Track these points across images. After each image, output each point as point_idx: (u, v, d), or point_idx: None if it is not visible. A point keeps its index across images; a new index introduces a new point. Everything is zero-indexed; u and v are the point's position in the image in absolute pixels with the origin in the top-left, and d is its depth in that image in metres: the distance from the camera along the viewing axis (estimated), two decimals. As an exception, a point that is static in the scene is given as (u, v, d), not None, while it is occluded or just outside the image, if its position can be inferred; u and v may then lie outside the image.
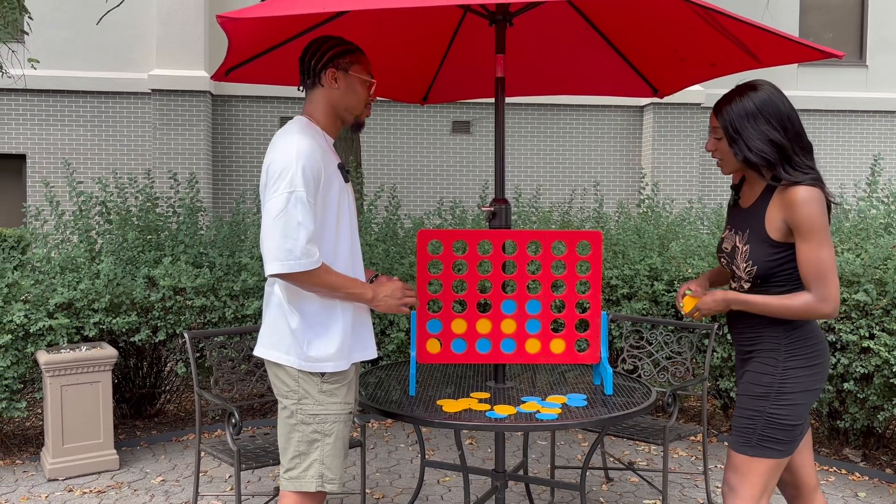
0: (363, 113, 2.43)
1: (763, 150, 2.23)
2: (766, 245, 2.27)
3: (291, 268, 2.14)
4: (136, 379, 5.12)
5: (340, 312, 2.30)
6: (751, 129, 2.25)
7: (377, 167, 11.60)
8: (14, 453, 4.60)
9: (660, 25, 2.98)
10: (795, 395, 2.29)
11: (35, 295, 4.38)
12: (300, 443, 2.29)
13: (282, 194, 2.14)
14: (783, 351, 2.31)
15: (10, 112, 10.76)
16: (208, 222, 5.73)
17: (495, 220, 2.96)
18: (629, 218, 6.01)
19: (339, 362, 2.30)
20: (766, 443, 2.30)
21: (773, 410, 2.29)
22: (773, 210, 2.26)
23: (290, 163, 2.15)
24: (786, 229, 2.23)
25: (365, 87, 2.40)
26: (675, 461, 4.52)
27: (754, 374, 2.36)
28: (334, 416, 2.30)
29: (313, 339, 2.26)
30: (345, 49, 2.35)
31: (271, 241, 2.14)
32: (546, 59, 3.56)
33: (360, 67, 2.38)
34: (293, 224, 2.13)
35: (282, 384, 2.30)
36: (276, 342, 2.29)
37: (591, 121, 11.97)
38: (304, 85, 2.39)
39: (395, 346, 4.93)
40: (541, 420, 2.47)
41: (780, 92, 2.27)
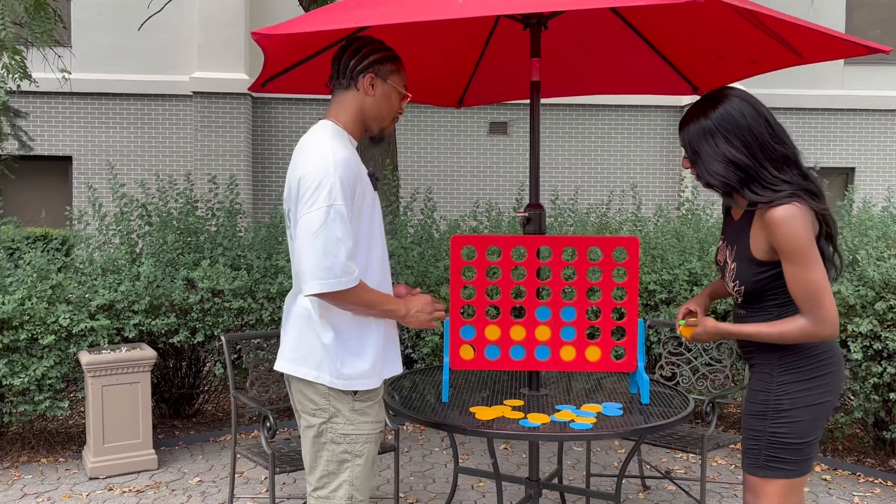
0: (389, 126, 2.32)
1: (721, 174, 2.09)
2: (752, 265, 2.14)
3: (332, 286, 2.02)
4: (174, 379, 5.19)
5: (374, 328, 2.20)
6: (708, 150, 2.11)
7: (414, 168, 11.62)
8: (57, 451, 4.69)
9: (698, 23, 2.92)
10: (794, 411, 2.13)
11: (77, 296, 4.46)
12: (329, 462, 2.18)
13: (320, 208, 2.01)
14: (776, 365, 2.17)
15: (58, 115, 11.00)
16: (247, 225, 5.78)
17: (530, 226, 2.93)
18: (668, 221, 5.92)
19: (372, 379, 2.19)
20: (774, 463, 2.16)
21: (773, 429, 2.15)
22: (756, 229, 2.12)
23: (328, 174, 2.02)
24: (770, 249, 2.09)
25: (398, 99, 2.29)
26: (714, 469, 4.44)
27: (751, 391, 2.24)
28: (365, 437, 2.19)
29: (347, 356, 2.14)
30: (387, 56, 2.23)
31: (311, 259, 2.01)
32: (582, 60, 3.52)
33: (399, 78, 2.27)
34: (333, 240, 2.01)
35: (309, 402, 2.17)
36: (303, 358, 2.15)
37: (630, 121, 11.84)
38: (336, 84, 2.24)
39: (430, 349, 4.92)
40: (575, 430, 2.44)
41: (744, 101, 2.10)
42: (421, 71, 3.53)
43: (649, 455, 4.71)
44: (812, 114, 12.07)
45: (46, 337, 4.25)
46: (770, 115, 2.13)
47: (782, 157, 2.10)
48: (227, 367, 3.51)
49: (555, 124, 11.79)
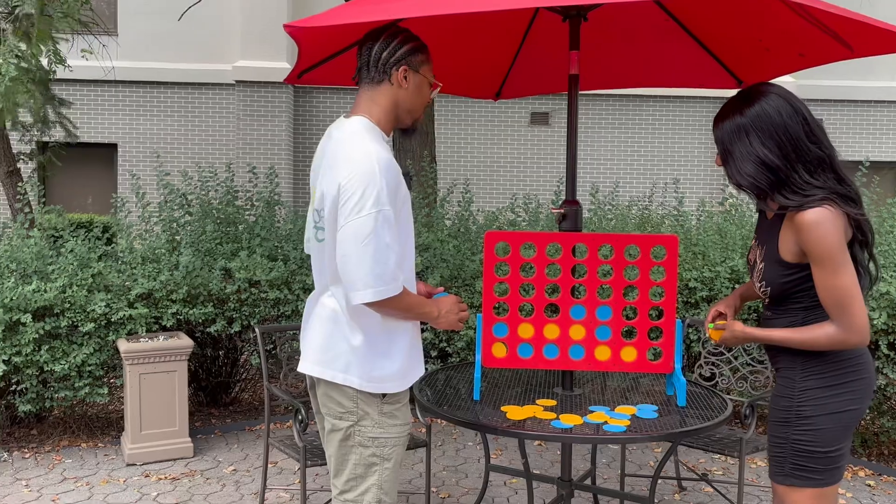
0: (420, 117, 2.26)
1: (751, 175, 2.03)
2: (779, 266, 2.08)
3: (384, 294, 1.96)
4: (212, 368, 5.24)
5: (402, 331, 2.15)
6: (741, 149, 2.04)
7: (453, 159, 11.57)
8: (97, 436, 4.77)
9: (744, 14, 2.82)
10: (817, 419, 2.05)
11: (117, 285, 4.52)
12: (357, 465, 2.14)
13: (369, 213, 1.94)
14: (799, 370, 2.10)
15: (104, 102, 11.18)
16: (285, 215, 5.81)
17: (566, 223, 2.87)
18: (710, 216, 5.80)
19: (401, 381, 2.15)
20: (800, 472, 2.08)
21: (796, 437, 2.08)
22: (786, 231, 2.05)
23: (374, 178, 1.95)
24: (799, 252, 2.02)
25: (429, 90, 2.23)
26: (753, 472, 4.34)
27: (774, 396, 2.17)
28: (394, 440, 2.15)
29: (376, 359, 2.10)
30: (417, 46, 2.16)
31: (361, 267, 1.94)
32: (622, 52, 3.44)
33: (429, 68, 2.21)
34: (382, 246, 1.95)
35: (336, 405, 2.13)
36: (330, 360, 2.11)
37: (674, 112, 11.63)
38: (366, 78, 2.15)
39: (465, 343, 4.89)
40: (608, 432, 2.39)
41: (782, 98, 2.02)
42: (458, 63, 3.48)
43: (686, 455, 4.62)
44: (864, 106, 11.73)
45: (86, 324, 4.32)
46: (808, 113, 2.04)
47: (817, 159, 2.02)
48: (262, 359, 3.52)
49: (596, 114, 11.64)
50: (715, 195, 11.66)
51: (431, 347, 4.98)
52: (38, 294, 4.24)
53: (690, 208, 11.66)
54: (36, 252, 4.48)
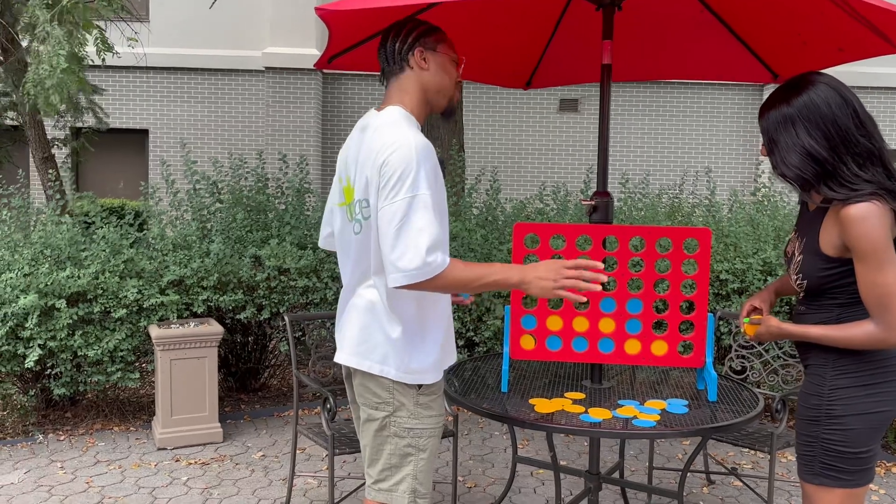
0: (455, 95, 2.25)
1: (797, 166, 1.98)
2: (819, 259, 2.03)
3: (414, 278, 1.95)
4: (241, 354, 5.29)
5: (437, 322, 2.16)
6: (787, 139, 1.99)
7: (481, 146, 11.53)
8: (129, 420, 4.84)
9: (782, 7, 2.77)
10: (847, 418, 2.01)
11: (149, 271, 4.57)
12: (392, 455, 2.15)
13: (403, 199, 1.96)
14: (830, 368, 2.05)
15: (135, 88, 11.29)
16: (314, 203, 5.83)
17: (596, 214, 2.84)
18: (743, 207, 5.72)
19: (437, 373, 2.17)
20: (830, 471, 2.05)
21: (826, 436, 2.04)
22: (828, 224, 2.00)
23: (411, 163, 1.97)
24: (842, 246, 1.97)
25: (454, 66, 2.22)
26: (783, 466, 4.30)
27: (804, 394, 2.13)
28: (430, 431, 2.17)
29: (413, 351, 2.11)
30: (428, 28, 2.18)
31: (394, 252, 1.95)
32: (656, 43, 3.39)
33: (447, 46, 2.21)
34: (414, 231, 1.95)
35: (373, 396, 2.14)
36: (367, 351, 2.12)
37: (707, 98, 11.48)
38: (388, 73, 2.19)
39: (492, 332, 4.88)
40: (637, 427, 2.37)
41: (830, 88, 1.96)
42: (489, 51, 3.46)
43: (715, 448, 4.59)
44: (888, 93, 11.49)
45: (118, 310, 4.38)
46: (859, 104, 1.98)
47: (866, 151, 1.96)
48: (290, 347, 3.55)
49: (627, 101, 11.52)
50: (747, 184, 11.50)
51: (458, 337, 4.98)
52: (71, 280, 4.30)
53: (722, 197, 11.51)
54: (69, 238, 4.54)
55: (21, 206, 4.92)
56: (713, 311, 4.74)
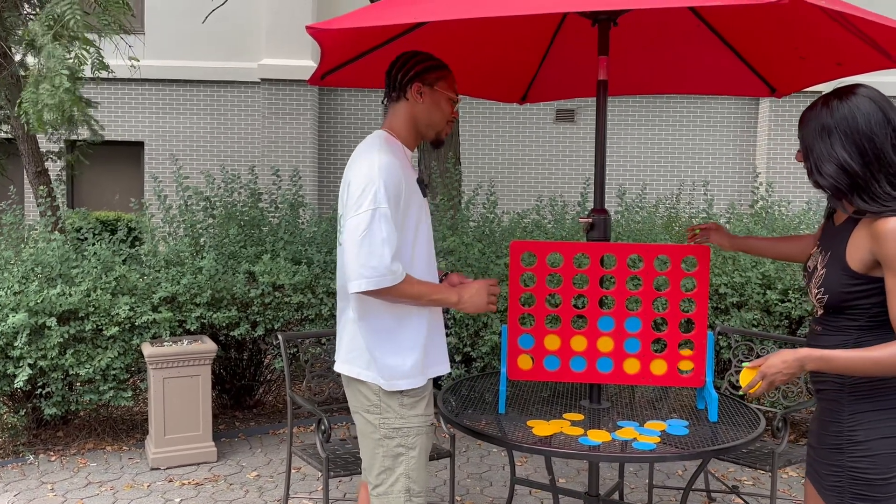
0: (444, 130, 2.42)
1: (832, 176, 1.92)
2: (844, 274, 1.95)
3: (377, 284, 2.13)
4: (236, 371, 5.24)
5: (414, 328, 2.29)
6: (822, 149, 1.94)
7: (477, 157, 11.50)
8: (122, 439, 4.78)
9: (780, 22, 2.73)
10: (871, 443, 1.93)
11: (141, 288, 4.52)
12: (385, 458, 2.29)
13: (366, 211, 2.14)
14: (846, 392, 1.97)
15: (130, 101, 11.26)
16: (309, 217, 5.78)
17: (593, 232, 2.80)
18: (740, 219, 5.68)
19: (416, 379, 2.29)
20: (861, 501, 1.95)
21: (852, 464, 1.95)
22: (857, 238, 1.93)
23: (373, 179, 2.15)
24: (870, 261, 1.90)
25: (449, 105, 2.39)
26: (784, 482, 4.25)
27: (822, 421, 2.05)
28: (417, 429, 2.31)
29: (387, 356, 2.27)
30: (432, 65, 2.35)
31: (357, 259, 2.13)
32: (652, 58, 3.36)
33: (446, 84, 2.37)
34: (378, 241, 2.13)
35: (364, 399, 2.30)
36: (354, 358, 2.30)
37: (703, 109, 11.47)
38: (389, 98, 2.37)
39: (489, 347, 4.83)
40: (637, 450, 2.32)
41: (873, 103, 1.90)
42: (484, 66, 3.43)
43: (715, 464, 4.54)
44: None
45: (110, 328, 4.32)
46: None
47: None
48: (285, 366, 3.50)
49: (623, 112, 11.51)
50: (744, 196, 11.48)
51: (456, 352, 4.93)
52: (62, 298, 4.25)
53: (720, 209, 11.49)
54: (60, 255, 4.49)
55: (13, 222, 4.87)
56: (712, 326, 4.69)
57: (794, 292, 4.51)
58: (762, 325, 4.62)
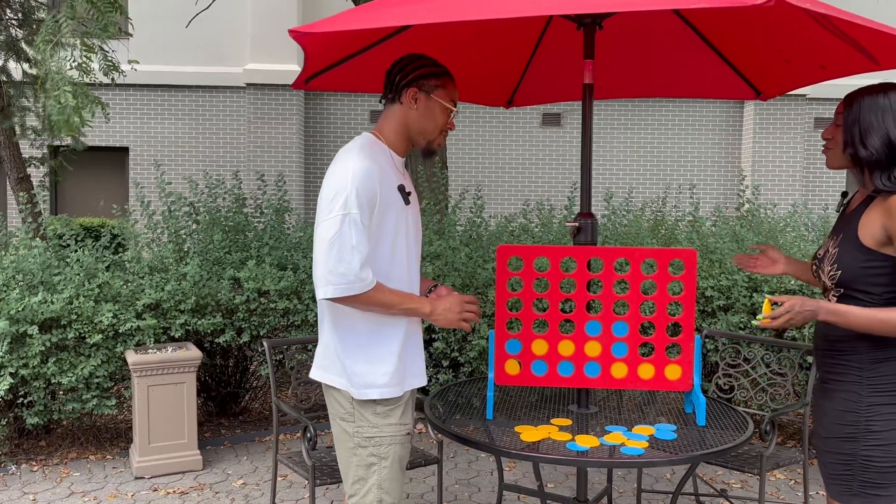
0: (437, 140, 2.33)
1: (876, 148, 2.08)
2: (856, 250, 2.10)
3: (345, 291, 2.09)
4: (221, 378, 5.19)
5: (389, 338, 2.24)
6: (874, 122, 2.10)
7: (464, 161, 11.49)
8: (106, 448, 4.72)
9: (764, 25, 2.73)
10: (885, 434, 2.08)
11: (124, 295, 4.47)
12: (359, 467, 2.24)
13: (336, 217, 2.09)
14: (865, 385, 2.11)
15: (115, 106, 11.18)
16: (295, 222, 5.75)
17: (580, 236, 2.79)
18: (727, 222, 5.69)
19: (391, 389, 2.23)
20: (869, 489, 2.09)
21: (866, 453, 2.10)
22: (871, 214, 2.09)
23: (345, 185, 2.09)
24: (882, 238, 2.05)
25: (444, 114, 2.29)
26: (773, 485, 4.25)
27: (837, 411, 2.17)
28: (390, 439, 2.24)
29: (359, 365, 2.21)
30: (433, 71, 2.26)
31: (325, 265, 2.09)
32: (638, 61, 3.36)
33: (445, 93, 2.28)
34: (347, 247, 2.08)
35: (339, 406, 2.26)
36: (329, 365, 2.26)
37: (688, 112, 11.51)
38: (386, 99, 2.30)
39: (477, 352, 4.81)
40: (625, 455, 2.31)
41: None
42: (469, 70, 3.41)
43: (703, 468, 4.53)
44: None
45: (94, 336, 4.27)
46: None
47: None
48: (270, 373, 3.46)
49: (609, 115, 11.53)
50: (730, 198, 11.52)
51: (443, 357, 4.90)
52: (44, 305, 4.20)
53: (706, 210, 11.53)
54: (42, 262, 4.44)
55: (-6, 229, 4.81)
56: (699, 329, 4.69)
57: (781, 294, 4.51)
58: (749, 328, 4.63)
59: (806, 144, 11.43)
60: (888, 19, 11.42)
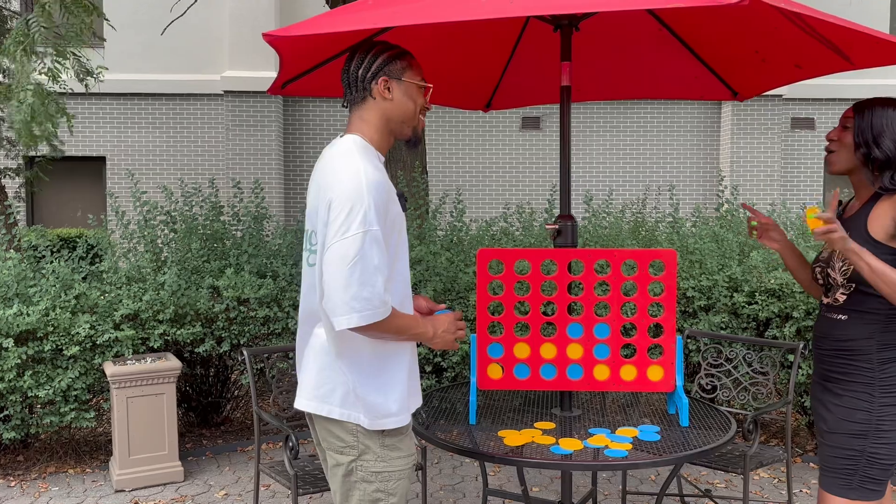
0: (419, 123, 2.15)
1: (889, 149, 2.21)
2: (867, 244, 2.21)
3: (371, 318, 1.85)
4: (202, 387, 5.13)
5: (398, 363, 2.04)
6: (886, 128, 2.23)
7: (444, 165, 11.49)
8: (85, 461, 4.65)
9: (740, 25, 2.75)
10: (893, 433, 2.20)
11: (102, 306, 4.41)
12: (361, 502, 2.03)
13: (356, 234, 1.85)
14: (877, 386, 2.21)
15: (91, 115, 11.07)
16: (273, 229, 5.70)
17: (560, 238, 2.78)
18: (707, 222, 5.72)
19: (401, 416, 2.03)
20: (868, 484, 2.22)
21: (873, 450, 2.21)
22: (879, 210, 2.21)
23: (361, 197, 1.86)
24: (892, 230, 2.17)
25: (420, 93, 2.12)
26: (756, 484, 4.26)
27: (846, 409, 2.26)
28: (399, 473, 2.04)
29: (370, 394, 1.99)
30: (395, 54, 2.07)
31: (347, 290, 1.84)
32: (615, 63, 3.36)
33: (413, 72, 2.10)
34: (370, 269, 1.85)
35: (336, 440, 2.03)
36: (326, 395, 2.01)
37: (667, 114, 11.57)
38: (351, 100, 2.08)
39: (460, 357, 4.79)
40: (609, 457, 2.30)
41: None
42: (447, 73, 3.40)
43: (688, 468, 4.53)
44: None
45: (71, 348, 4.21)
46: None
47: None
48: (251, 382, 3.42)
49: (588, 118, 11.57)
50: (709, 198, 11.59)
51: (426, 363, 4.88)
52: (19, 318, 4.13)
53: (685, 211, 11.59)
54: (16, 274, 4.37)
55: (-33, 241, 4.73)
56: (681, 330, 4.70)
57: (761, 294, 4.53)
58: (730, 328, 4.64)
59: (783, 144, 11.52)
60: (859, 17, 11.56)
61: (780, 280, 4.48)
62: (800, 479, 4.32)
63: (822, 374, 2.37)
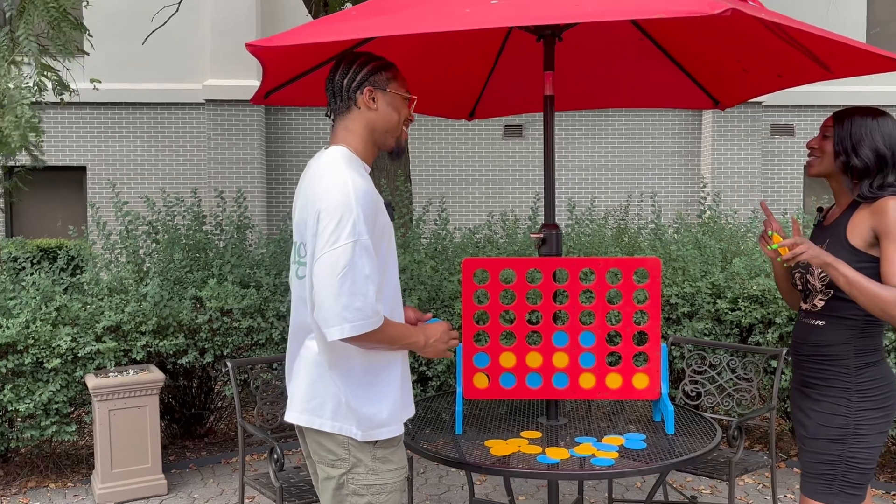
0: (402, 134, 2.16)
1: (868, 157, 2.25)
2: (846, 252, 2.24)
3: (363, 328, 1.86)
4: (185, 399, 5.09)
5: (390, 374, 2.04)
6: (864, 137, 2.27)
7: (428, 173, 11.49)
8: (66, 475, 4.60)
9: (721, 35, 2.77)
10: (871, 437, 2.24)
11: (83, 318, 4.37)
12: None
13: (346, 244, 1.85)
14: (854, 391, 2.26)
15: (71, 125, 10.98)
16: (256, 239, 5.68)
17: (545, 247, 2.79)
18: (689, 229, 5.75)
19: (393, 427, 2.03)
20: (848, 489, 2.24)
21: (851, 454, 2.24)
22: (858, 218, 2.25)
23: (350, 207, 1.87)
24: (870, 238, 2.20)
25: (405, 104, 2.13)
26: (741, 489, 4.28)
27: (825, 415, 2.30)
28: (391, 486, 2.03)
29: (365, 405, 1.98)
30: (380, 65, 2.08)
31: (338, 300, 1.84)
32: (598, 72, 3.38)
33: (398, 84, 2.11)
34: (361, 278, 1.85)
35: (327, 453, 2.01)
36: (317, 407, 1.99)
37: (648, 122, 11.65)
38: (335, 110, 2.08)
39: (445, 366, 4.79)
40: (596, 466, 2.30)
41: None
42: (430, 83, 3.40)
43: (673, 475, 4.55)
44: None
45: (52, 360, 4.16)
46: None
47: None
48: (235, 394, 3.40)
49: (570, 126, 11.63)
50: (690, 205, 11.67)
51: (411, 371, 4.87)
52: None
53: (668, 218, 11.66)
54: (-3, 287, 4.32)
55: (-55, 253, 4.67)
56: (665, 337, 4.72)
57: (744, 300, 4.56)
58: (713, 335, 4.67)
59: (763, 151, 11.62)
60: (836, 25, 11.70)
61: (762, 286, 4.51)
62: (784, 485, 4.34)
63: (801, 379, 2.40)
